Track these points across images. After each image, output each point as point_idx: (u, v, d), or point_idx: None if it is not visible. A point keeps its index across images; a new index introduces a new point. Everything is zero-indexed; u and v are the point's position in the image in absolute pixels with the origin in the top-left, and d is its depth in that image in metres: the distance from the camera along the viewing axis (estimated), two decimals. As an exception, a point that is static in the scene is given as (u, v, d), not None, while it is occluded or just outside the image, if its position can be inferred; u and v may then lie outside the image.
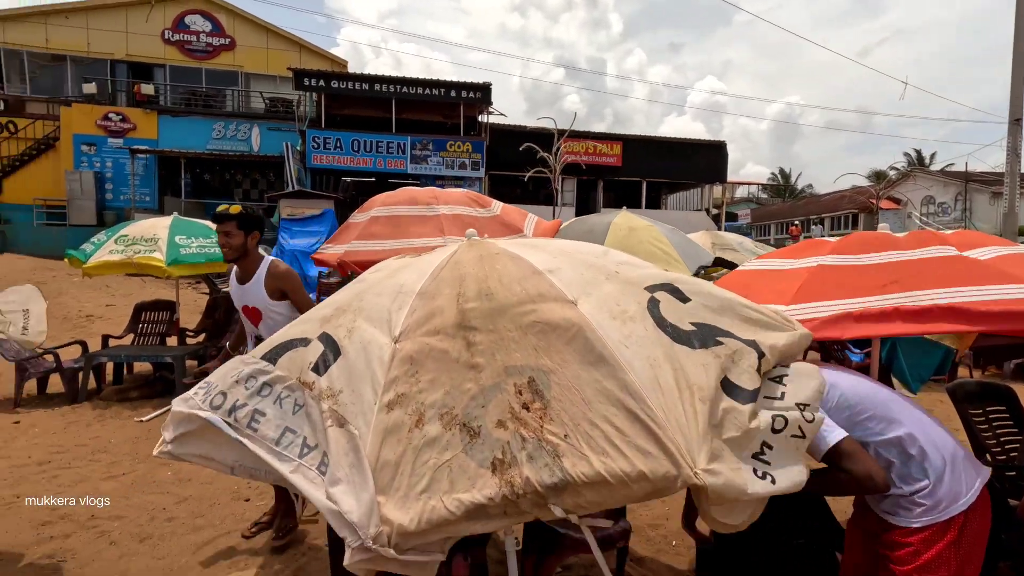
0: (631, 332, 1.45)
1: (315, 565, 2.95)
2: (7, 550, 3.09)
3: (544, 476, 1.21)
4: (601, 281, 1.60)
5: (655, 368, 1.38)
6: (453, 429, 1.31)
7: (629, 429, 1.26)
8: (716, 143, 22.25)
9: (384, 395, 1.39)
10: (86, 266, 5.54)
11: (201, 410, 1.48)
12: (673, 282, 1.66)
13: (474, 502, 1.22)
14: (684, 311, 1.56)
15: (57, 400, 5.78)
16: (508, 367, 1.37)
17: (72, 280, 13.30)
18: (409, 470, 1.29)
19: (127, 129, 18.40)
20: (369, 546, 1.22)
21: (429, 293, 1.58)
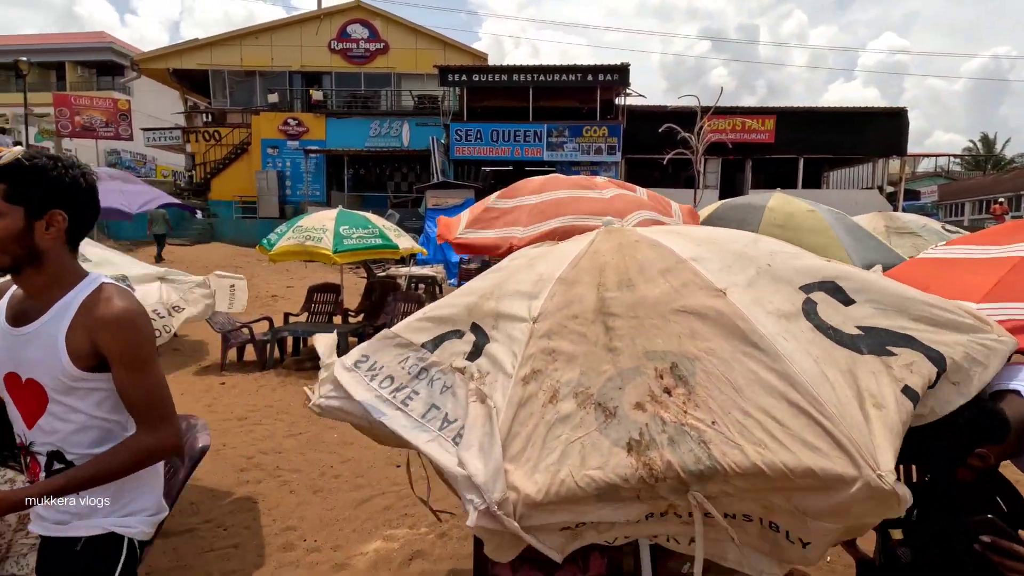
0: (788, 328, 1.32)
1: (456, 532, 3.18)
2: (217, 487, 3.76)
3: (688, 461, 1.14)
4: (752, 275, 1.46)
5: (820, 364, 1.24)
6: (588, 408, 1.29)
7: (792, 422, 1.15)
8: (893, 110, 19.32)
9: (520, 370, 1.40)
10: (271, 253, 6.47)
11: (367, 386, 1.61)
12: (834, 279, 1.46)
13: (606, 480, 1.18)
14: (847, 314, 1.38)
15: (251, 367, 6.86)
16: (648, 351, 1.33)
17: (261, 265, 15.58)
18: (540, 443, 1.28)
19: (302, 132, 20.95)
20: (494, 511, 1.19)
21: (568, 280, 1.58)
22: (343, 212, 6.86)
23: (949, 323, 1.37)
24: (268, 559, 2.97)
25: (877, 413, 1.17)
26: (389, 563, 2.93)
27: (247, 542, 3.13)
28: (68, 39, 30.99)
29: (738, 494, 1.19)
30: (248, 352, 7.20)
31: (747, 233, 1.75)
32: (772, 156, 19.35)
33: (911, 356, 1.28)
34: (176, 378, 6.41)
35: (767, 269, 1.49)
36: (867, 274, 1.54)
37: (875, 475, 1.07)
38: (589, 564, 2.28)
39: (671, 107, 18.81)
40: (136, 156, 27.61)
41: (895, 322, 1.36)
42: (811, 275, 1.48)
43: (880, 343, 1.31)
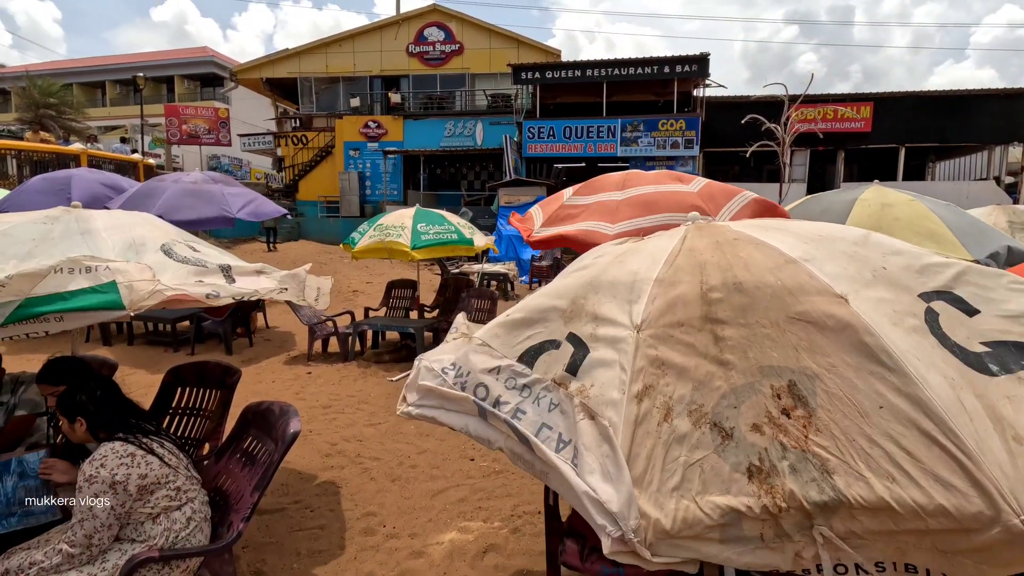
0: (918, 343, 1.19)
1: (529, 528, 3.19)
2: (305, 470, 3.99)
3: (811, 492, 1.09)
4: (868, 279, 1.33)
5: (956, 390, 1.11)
6: (703, 427, 1.25)
7: (924, 455, 1.06)
8: (1013, 91, 17.31)
9: (632, 385, 1.36)
10: (355, 251, 6.78)
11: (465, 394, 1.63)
12: (951, 288, 1.31)
13: (730, 506, 1.14)
14: (971, 327, 1.24)
15: (334, 358, 7.22)
16: (763, 367, 1.25)
17: (343, 261, 16.39)
18: (660, 464, 1.24)
19: (381, 134, 21.81)
20: (630, 538, 1.18)
21: (668, 281, 1.50)
22: (420, 210, 7.05)
23: None
24: (350, 542, 3.11)
25: (1020, 448, 1.05)
26: (464, 554, 2.99)
27: (331, 524, 3.29)
28: (176, 55, 34.04)
29: (867, 536, 1.09)
30: (332, 344, 7.58)
31: (856, 229, 1.58)
32: (868, 147, 17.93)
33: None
34: (267, 366, 6.87)
35: (883, 272, 1.36)
36: (988, 273, 1.36)
37: (1017, 519, 0.97)
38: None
39: (755, 97, 17.88)
40: (233, 160, 29.86)
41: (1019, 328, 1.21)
42: (928, 279, 1.33)
43: (1012, 359, 1.16)
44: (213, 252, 2.88)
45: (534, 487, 3.58)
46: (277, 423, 2.59)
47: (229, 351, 7.37)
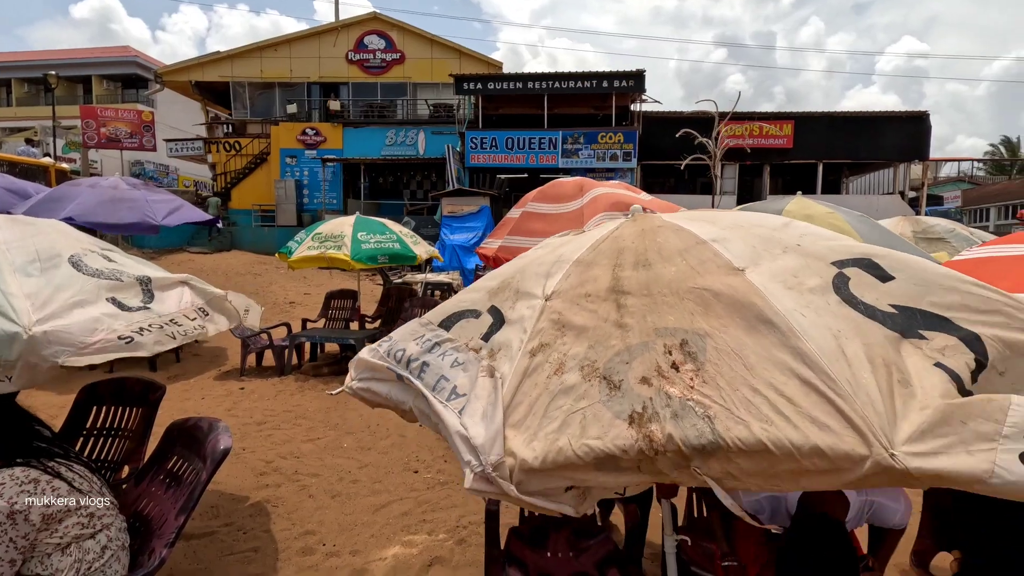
0: (808, 303, 1.26)
1: (475, 539, 3.15)
2: (236, 492, 3.77)
3: (690, 435, 1.13)
4: (777, 253, 1.42)
5: (840, 339, 1.18)
6: (593, 380, 1.29)
7: (803, 400, 1.11)
8: (915, 114, 19.00)
9: (529, 343, 1.44)
10: (291, 260, 6.53)
11: (384, 361, 1.71)
12: (872, 256, 1.38)
13: (605, 450, 1.18)
14: (883, 291, 1.30)
15: (269, 372, 6.91)
16: (659, 328, 1.31)
17: (279, 272, 15.75)
18: (542, 412, 1.30)
19: (319, 142, 21.22)
20: (489, 474, 1.23)
21: (586, 262, 1.60)
22: (361, 218, 6.90)
23: (1002, 312, 1.25)
24: (287, 563, 2.96)
25: (901, 390, 1.11)
26: (408, 569, 2.91)
27: (266, 546, 3.12)
28: (94, 53, 31.85)
29: (743, 476, 1.14)
30: (267, 358, 7.25)
31: (778, 217, 1.67)
32: (790, 162, 19.13)
33: (946, 340, 1.20)
34: (197, 383, 6.48)
35: (796, 248, 1.45)
36: (911, 256, 1.43)
37: (887, 453, 1.02)
38: None
39: (688, 113, 18.73)
40: (159, 167, 28.19)
41: (937, 303, 1.27)
42: (845, 254, 1.41)
43: (914, 325, 1.23)
44: (130, 262, 2.68)
45: (480, 498, 3.54)
46: (205, 440, 2.43)
47: (153, 367, 6.90)
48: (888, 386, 1.12)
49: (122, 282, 2.43)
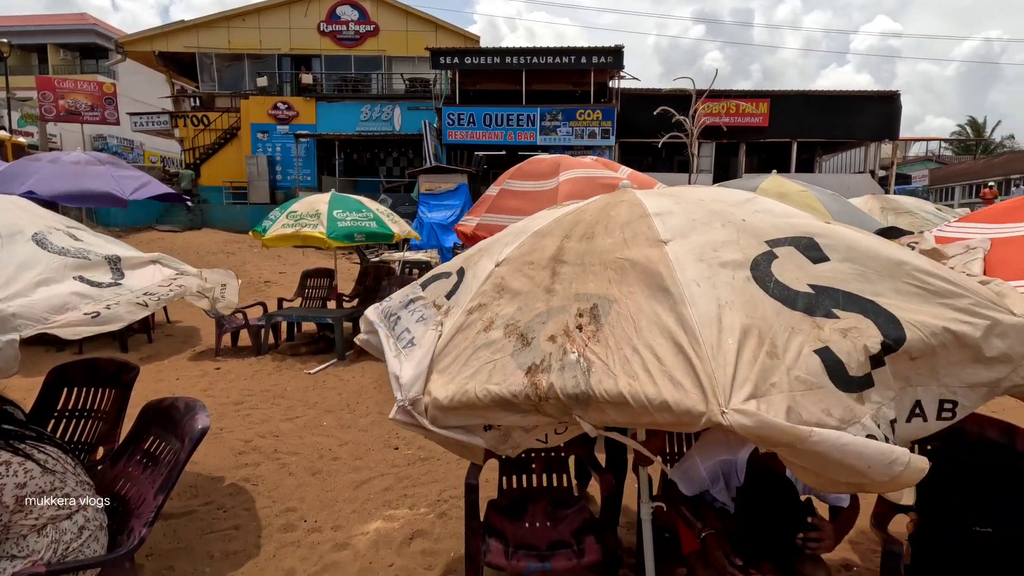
0: (714, 275, 1.34)
1: (456, 512, 3.20)
2: (215, 472, 3.76)
3: (568, 385, 1.27)
4: (714, 227, 1.49)
5: (723, 309, 1.26)
6: (511, 337, 1.46)
7: (670, 360, 1.22)
8: (886, 94, 19.30)
9: (470, 302, 1.63)
10: (265, 238, 6.40)
11: (375, 316, 1.98)
12: (815, 236, 1.41)
13: (500, 394, 1.36)
14: (809, 271, 1.33)
15: (246, 352, 6.83)
16: (579, 294, 1.46)
17: (253, 251, 15.45)
18: (463, 361, 1.49)
19: (292, 116, 20.66)
20: (407, 407, 1.47)
21: (543, 232, 1.74)
22: (336, 196, 6.78)
23: (941, 294, 1.28)
24: (269, 540, 2.98)
25: (766, 361, 1.18)
26: (390, 542, 2.95)
27: (247, 523, 3.13)
28: (50, 20, 30.27)
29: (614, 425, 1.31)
30: (242, 337, 7.16)
31: (744, 193, 1.71)
32: (766, 140, 19.32)
33: (857, 322, 1.22)
34: (171, 364, 6.38)
35: (740, 224, 1.49)
36: (861, 237, 1.44)
37: (719, 411, 1.11)
38: (585, 549, 2.31)
39: (665, 90, 18.72)
40: (123, 142, 27.16)
41: (867, 286, 1.30)
42: (791, 231, 1.44)
43: (826, 304, 1.26)
44: (98, 241, 2.61)
45: (460, 472, 3.59)
46: (183, 420, 2.42)
47: (124, 349, 6.77)
48: (753, 355, 1.19)
49: (89, 260, 2.37)
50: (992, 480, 2.12)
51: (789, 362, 1.17)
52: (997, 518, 2.01)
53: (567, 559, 2.27)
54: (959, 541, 1.99)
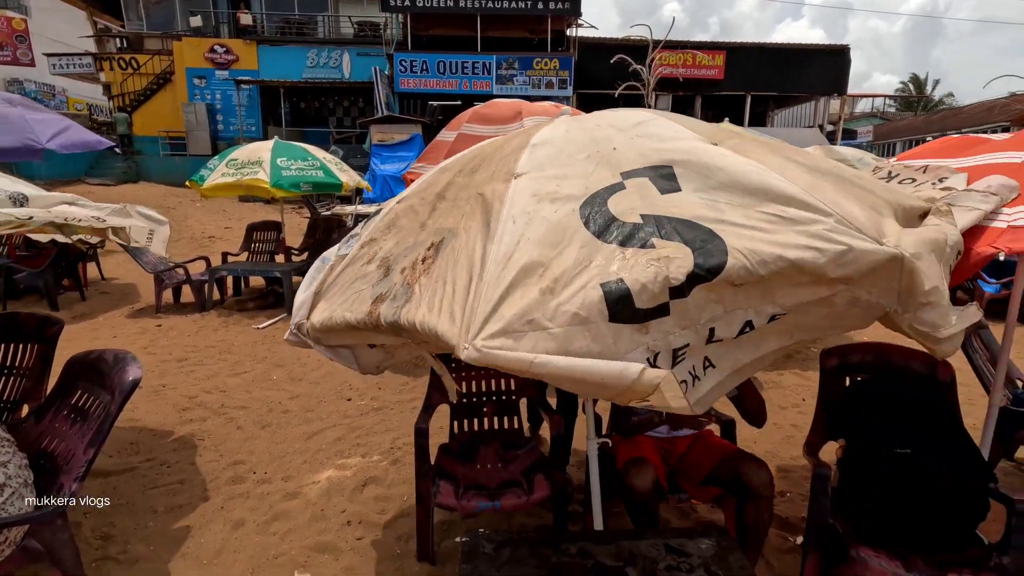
0: (537, 211, 1.33)
1: (409, 459, 3.21)
2: (158, 427, 3.64)
3: (388, 314, 1.39)
4: (577, 159, 1.47)
5: (520, 246, 1.27)
6: (381, 270, 1.55)
7: (460, 295, 1.28)
8: (836, 48, 19.58)
9: (364, 237, 1.73)
10: (203, 189, 6.05)
11: None
12: (680, 164, 1.36)
13: (346, 320, 1.50)
14: (651, 201, 1.29)
15: (189, 308, 6.55)
16: (439, 228, 1.52)
17: (195, 205, 14.67)
18: (342, 291, 1.61)
19: (231, 61, 19.31)
20: (294, 330, 1.67)
21: (445, 168, 1.76)
22: (280, 143, 6.43)
23: (796, 220, 1.24)
24: (217, 492, 2.93)
25: (537, 297, 1.19)
26: (342, 489, 2.95)
27: (193, 478, 3.06)
28: (-56, -54, 26.82)
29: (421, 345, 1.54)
30: (185, 294, 6.86)
31: (646, 114, 1.63)
32: (721, 93, 19.40)
33: (673, 251, 1.19)
34: (106, 321, 6.07)
35: (609, 153, 1.45)
36: (732, 164, 1.36)
37: (462, 345, 1.16)
38: (534, 487, 2.35)
39: (622, 39, 18.39)
40: (43, 87, 24.84)
41: (711, 214, 1.26)
42: (656, 159, 1.39)
43: (647, 234, 1.23)
44: (3, 180, 2.37)
45: (413, 420, 3.58)
46: (112, 372, 2.29)
47: (54, 307, 6.38)
48: (524, 292, 1.20)
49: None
50: (914, 407, 2.26)
51: (564, 298, 1.18)
52: (915, 440, 2.16)
53: (516, 496, 2.31)
54: (881, 462, 2.13)
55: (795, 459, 3.23)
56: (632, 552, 1.79)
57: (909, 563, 1.87)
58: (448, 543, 2.50)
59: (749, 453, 2.13)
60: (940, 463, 2.11)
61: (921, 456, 2.12)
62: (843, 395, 2.43)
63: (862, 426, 2.28)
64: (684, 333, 1.23)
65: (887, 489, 2.07)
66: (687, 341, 1.24)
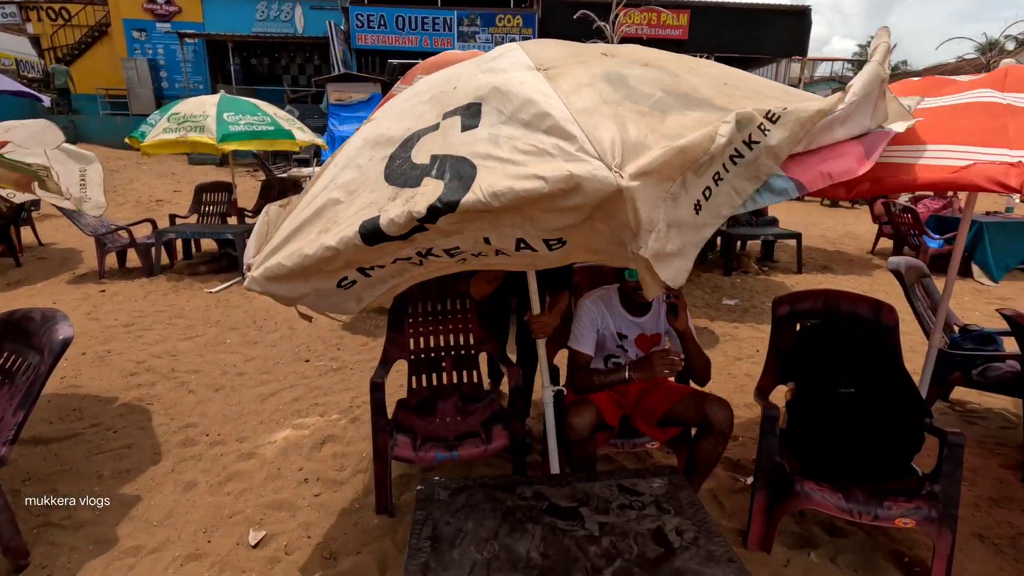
0: (355, 157, 1.50)
1: (369, 416, 3.17)
2: (103, 393, 3.49)
3: None
4: (420, 102, 1.52)
5: (320, 194, 1.49)
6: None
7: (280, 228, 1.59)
8: (798, 8, 19.61)
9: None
10: (143, 145, 5.69)
11: None
12: (488, 100, 1.32)
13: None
14: (450, 140, 1.29)
15: (135, 273, 6.25)
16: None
17: (142, 168, 13.90)
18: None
19: (172, 12, 18.07)
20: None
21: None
22: (227, 97, 6.08)
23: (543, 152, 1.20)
24: (167, 455, 2.83)
25: (309, 236, 1.42)
26: (299, 448, 2.90)
27: (141, 442, 2.95)
28: None
29: None
30: (131, 259, 6.53)
31: (506, 49, 1.55)
32: (685, 53, 19.29)
33: (430, 187, 1.23)
34: (45, 288, 5.74)
35: (449, 93, 1.44)
36: (526, 93, 1.28)
37: (247, 274, 1.53)
38: (492, 437, 2.35)
39: (587, -4, 17.93)
40: (-39, 38, 22.78)
41: (486, 149, 1.23)
42: (475, 95, 1.36)
43: (422, 174, 1.27)
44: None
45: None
46: (40, 332, 2.15)
47: (-14, 273, 5.98)
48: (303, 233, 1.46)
49: None
50: (859, 350, 2.34)
51: (328, 237, 1.34)
52: (859, 380, 2.24)
53: (475, 446, 2.31)
54: (827, 400, 2.20)
55: (748, 407, 3.33)
56: (586, 493, 1.82)
57: (849, 494, 1.96)
58: (407, 496, 2.50)
59: (712, 394, 2.17)
60: (882, 402, 2.19)
61: (865, 395, 2.20)
62: (794, 340, 2.49)
63: (810, 369, 2.35)
64: (451, 239, 1.34)
65: (832, 427, 2.15)
66: (456, 244, 1.36)
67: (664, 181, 1.17)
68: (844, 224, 10.60)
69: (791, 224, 7.67)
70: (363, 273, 1.50)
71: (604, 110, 1.24)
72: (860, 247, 8.53)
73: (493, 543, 1.57)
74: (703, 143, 1.16)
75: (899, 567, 2.09)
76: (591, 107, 1.25)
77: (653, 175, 1.15)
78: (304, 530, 2.29)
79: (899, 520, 1.90)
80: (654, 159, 1.14)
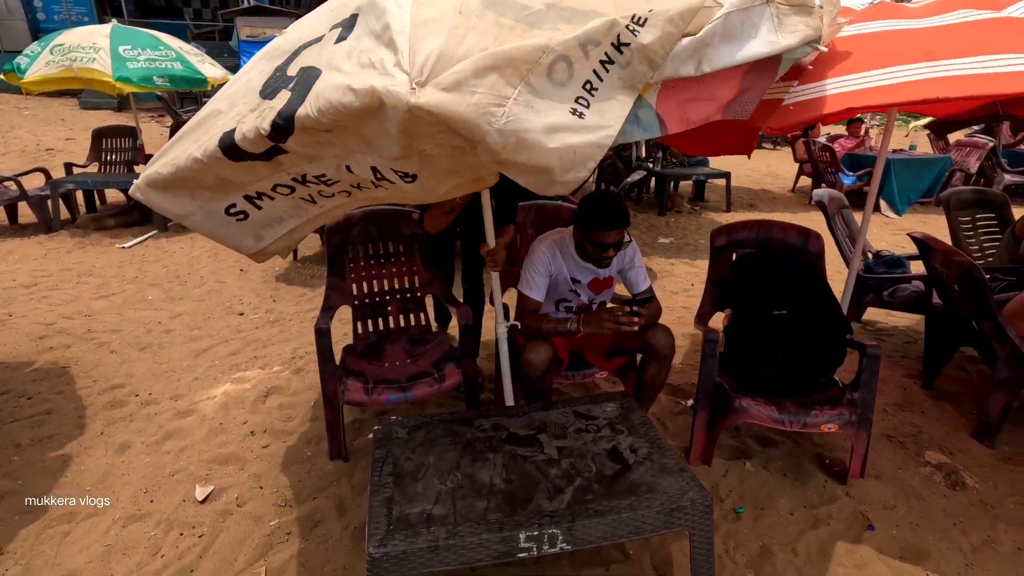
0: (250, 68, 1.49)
1: (313, 367, 3.08)
2: (10, 360, 3.18)
3: None
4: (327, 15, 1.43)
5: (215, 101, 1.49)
6: None
7: None
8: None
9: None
10: (24, 81, 4.99)
11: None
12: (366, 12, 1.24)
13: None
14: (323, 53, 1.25)
15: (31, 230, 5.63)
16: None
17: (24, 114, 12.32)
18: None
19: (42, -71, 15.62)
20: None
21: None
22: (120, 27, 5.39)
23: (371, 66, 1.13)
24: (93, 419, 2.65)
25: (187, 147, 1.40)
26: (242, 402, 2.78)
27: (62, 407, 2.74)
28: None
29: None
30: (24, 213, 5.86)
31: None
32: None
33: (279, 100, 1.21)
34: (-79, 248, 5.07)
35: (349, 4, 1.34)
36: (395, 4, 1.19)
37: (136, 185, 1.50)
38: (445, 376, 2.34)
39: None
40: None
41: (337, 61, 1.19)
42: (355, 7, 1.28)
43: (281, 85, 1.25)
44: None
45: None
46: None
47: None
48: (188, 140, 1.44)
49: None
50: (789, 275, 2.48)
51: (195, 148, 1.35)
52: (790, 303, 2.38)
53: (428, 386, 2.30)
54: (760, 322, 2.34)
55: (685, 336, 3.50)
56: (543, 421, 1.86)
57: (782, 406, 2.12)
58: (360, 440, 2.48)
59: (654, 322, 2.23)
60: (810, 321, 2.36)
61: (795, 315, 2.36)
62: (730, 269, 2.60)
63: (746, 295, 2.48)
64: (315, 165, 1.33)
65: (766, 347, 2.30)
66: (323, 171, 1.36)
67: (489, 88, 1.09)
68: (767, 165, 11.09)
69: (719, 165, 7.93)
70: (251, 202, 1.48)
71: (448, 21, 1.15)
72: (782, 186, 8.99)
73: (456, 473, 1.59)
74: (529, 50, 1.10)
75: (821, 468, 2.31)
76: (435, 17, 1.15)
77: (466, 84, 1.07)
78: (255, 481, 2.23)
79: (824, 426, 2.09)
80: (463, 68, 1.08)
